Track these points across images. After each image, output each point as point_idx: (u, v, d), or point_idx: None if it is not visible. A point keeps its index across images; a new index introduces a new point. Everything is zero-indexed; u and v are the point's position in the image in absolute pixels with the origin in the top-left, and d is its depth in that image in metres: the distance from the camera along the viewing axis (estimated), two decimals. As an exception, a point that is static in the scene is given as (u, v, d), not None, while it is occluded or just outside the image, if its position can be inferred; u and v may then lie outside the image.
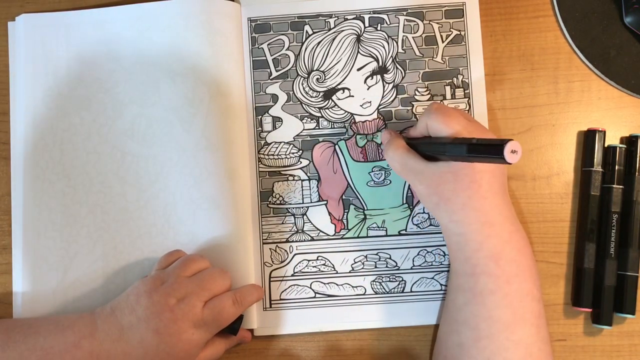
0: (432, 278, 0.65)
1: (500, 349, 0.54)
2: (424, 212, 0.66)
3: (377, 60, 0.67)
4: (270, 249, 0.66)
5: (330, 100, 0.67)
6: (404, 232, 0.66)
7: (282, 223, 0.66)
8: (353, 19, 0.68)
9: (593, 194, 0.64)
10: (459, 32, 0.67)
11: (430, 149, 0.58)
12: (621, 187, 0.64)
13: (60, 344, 0.56)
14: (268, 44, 0.68)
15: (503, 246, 0.56)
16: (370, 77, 0.67)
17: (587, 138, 0.66)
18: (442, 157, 0.56)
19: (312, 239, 0.66)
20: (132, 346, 0.55)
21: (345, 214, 0.66)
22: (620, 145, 0.65)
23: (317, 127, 0.67)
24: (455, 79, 0.67)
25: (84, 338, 0.56)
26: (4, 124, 0.67)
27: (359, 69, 0.67)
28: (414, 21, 0.68)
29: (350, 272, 0.66)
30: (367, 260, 0.66)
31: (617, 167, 0.64)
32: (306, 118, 0.67)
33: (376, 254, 0.66)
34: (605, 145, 0.65)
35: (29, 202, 0.65)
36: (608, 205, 0.64)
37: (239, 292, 0.60)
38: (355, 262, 0.66)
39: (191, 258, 0.61)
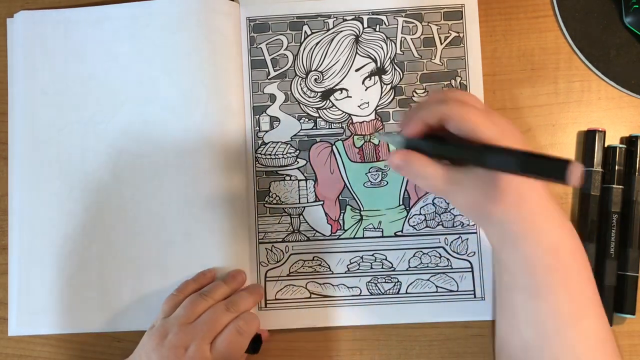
0: (428, 280, 0.64)
1: (570, 345, 0.52)
2: (420, 214, 0.65)
3: (375, 61, 0.67)
4: (266, 248, 0.65)
5: (328, 101, 0.67)
6: (400, 233, 0.65)
7: (278, 223, 0.66)
8: (352, 19, 0.68)
9: (593, 194, 0.63)
10: (457, 34, 0.67)
11: (460, 156, 0.51)
12: (621, 187, 0.63)
13: None
14: (266, 44, 0.68)
15: (560, 237, 0.53)
16: (369, 78, 0.67)
17: (587, 138, 0.65)
18: (472, 164, 0.51)
19: (308, 239, 0.65)
20: None
21: (342, 214, 0.66)
22: (620, 145, 0.64)
23: (314, 128, 0.67)
24: (453, 80, 0.67)
25: None
26: (2, 124, 0.68)
27: (357, 70, 0.67)
28: (413, 22, 0.67)
29: (345, 272, 0.65)
30: (362, 261, 0.65)
31: (617, 167, 0.63)
32: (304, 118, 0.67)
33: (372, 255, 0.65)
34: (605, 145, 0.65)
35: (26, 202, 0.65)
36: (608, 205, 0.63)
37: (242, 318, 0.59)
38: (351, 263, 0.65)
39: (194, 302, 0.59)
